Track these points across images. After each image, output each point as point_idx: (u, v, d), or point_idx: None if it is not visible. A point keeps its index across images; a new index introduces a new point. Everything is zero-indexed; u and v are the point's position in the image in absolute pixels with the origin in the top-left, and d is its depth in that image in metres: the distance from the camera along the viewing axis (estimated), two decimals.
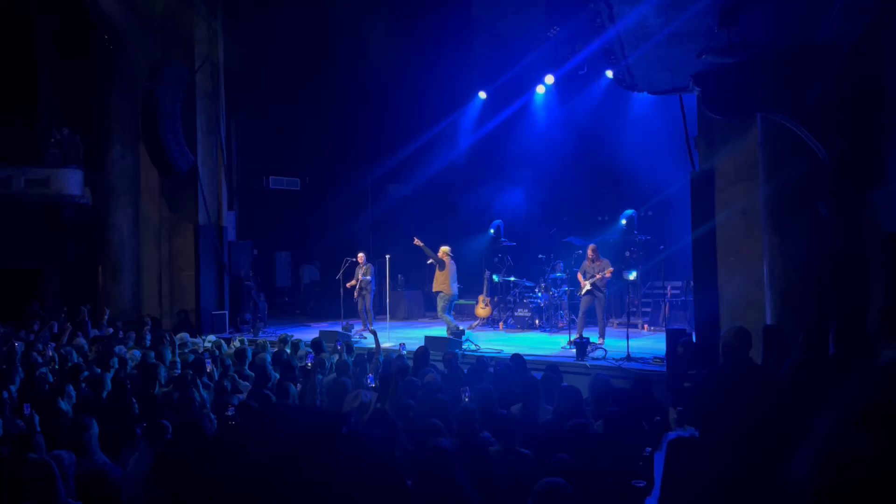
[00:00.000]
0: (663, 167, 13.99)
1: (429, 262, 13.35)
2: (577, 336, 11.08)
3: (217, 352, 9.81)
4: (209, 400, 6.97)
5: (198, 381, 7.26)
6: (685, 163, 10.27)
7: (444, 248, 13.35)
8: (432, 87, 16.34)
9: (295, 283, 20.31)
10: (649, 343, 11.95)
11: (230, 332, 14.82)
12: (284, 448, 1.06)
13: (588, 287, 12.00)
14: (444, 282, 13.02)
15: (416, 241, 12.95)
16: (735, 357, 4.94)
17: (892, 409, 0.80)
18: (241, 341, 11.11)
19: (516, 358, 8.18)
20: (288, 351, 9.61)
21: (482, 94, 17.25)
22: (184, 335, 11.51)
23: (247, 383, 7.80)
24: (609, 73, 14.54)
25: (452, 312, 13.16)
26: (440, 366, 8.47)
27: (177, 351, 9.74)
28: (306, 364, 7.19)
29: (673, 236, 13.20)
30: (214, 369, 8.13)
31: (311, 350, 9.26)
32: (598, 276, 11.86)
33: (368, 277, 14.41)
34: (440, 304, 13.09)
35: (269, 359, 8.50)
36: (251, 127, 17.90)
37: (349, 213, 18.62)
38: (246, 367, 8.47)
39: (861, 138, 7.23)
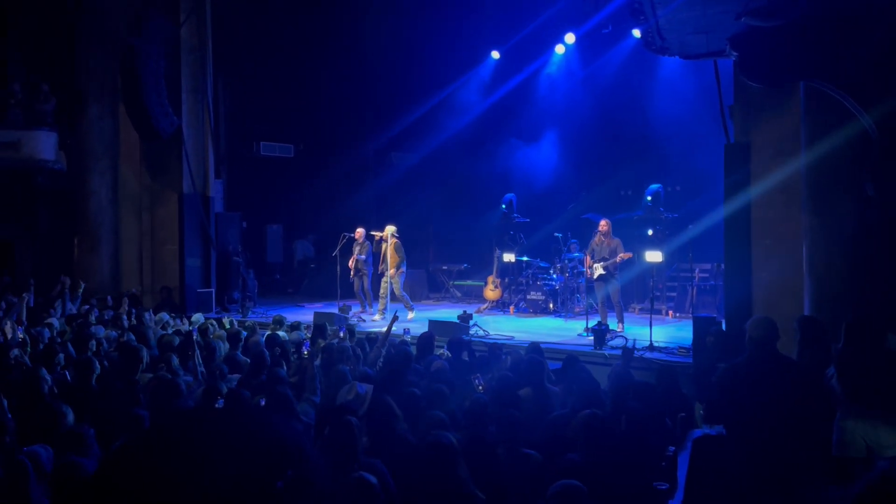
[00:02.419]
0: (694, 138, 13.93)
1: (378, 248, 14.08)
2: (601, 323, 11.12)
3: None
4: (196, 387, 7.04)
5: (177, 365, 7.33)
6: (718, 134, 10.24)
7: (391, 228, 13.95)
8: (440, 45, 16.25)
9: (287, 260, 20.36)
10: (674, 331, 11.98)
11: (217, 312, 14.91)
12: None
13: (601, 271, 12.02)
14: (394, 262, 13.85)
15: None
16: (760, 349, 4.97)
17: None
18: (231, 323, 11.18)
19: (533, 347, 8.21)
20: (285, 335, 9.68)
21: (495, 54, 17.14)
22: (162, 315, 11.59)
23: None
24: (636, 33, 14.43)
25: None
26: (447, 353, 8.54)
27: (158, 332, 9.82)
28: (302, 352, 7.22)
29: (703, 214, 13.17)
30: (199, 353, 8.19)
31: (306, 336, 9.34)
32: (617, 260, 11.88)
33: (364, 256, 14.47)
34: (396, 283, 13.79)
35: (262, 342, 8.57)
36: (241, 87, 17.85)
37: (348, 184, 18.63)
38: (239, 352, 8.54)
39: None
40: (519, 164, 17.00)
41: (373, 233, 14.19)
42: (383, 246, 13.90)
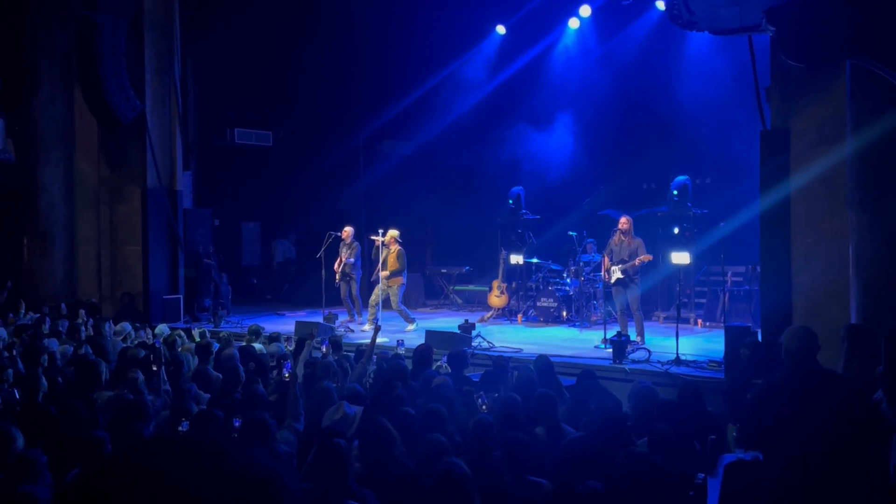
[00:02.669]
0: (726, 124, 13.95)
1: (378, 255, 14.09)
2: (621, 334, 11.13)
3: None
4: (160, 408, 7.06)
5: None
6: (753, 119, 10.25)
7: (394, 233, 14.00)
8: (439, 20, 16.25)
9: (266, 262, 20.36)
10: (704, 343, 12.02)
11: (186, 322, 14.92)
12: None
13: (619, 275, 12.01)
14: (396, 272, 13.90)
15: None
16: (799, 363, 4.99)
17: None
18: (202, 334, 11.19)
19: (542, 361, 8.22)
20: (262, 348, 9.69)
21: (501, 29, 17.14)
22: (124, 325, 11.59)
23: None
24: (660, 5, 14.45)
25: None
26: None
27: (119, 345, 9.84)
28: (283, 375, 7.26)
29: (736, 210, 13.19)
30: (163, 369, 8.20)
31: (287, 349, 9.35)
32: (636, 263, 11.84)
33: (352, 260, 14.46)
34: (395, 294, 13.84)
35: (237, 355, 8.58)
36: (213, 67, 17.85)
37: (334, 177, 18.61)
38: (210, 366, 8.55)
39: None
40: (528, 154, 17.01)
41: (373, 237, 14.09)
42: (383, 252, 13.85)
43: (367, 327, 13.70)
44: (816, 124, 9.05)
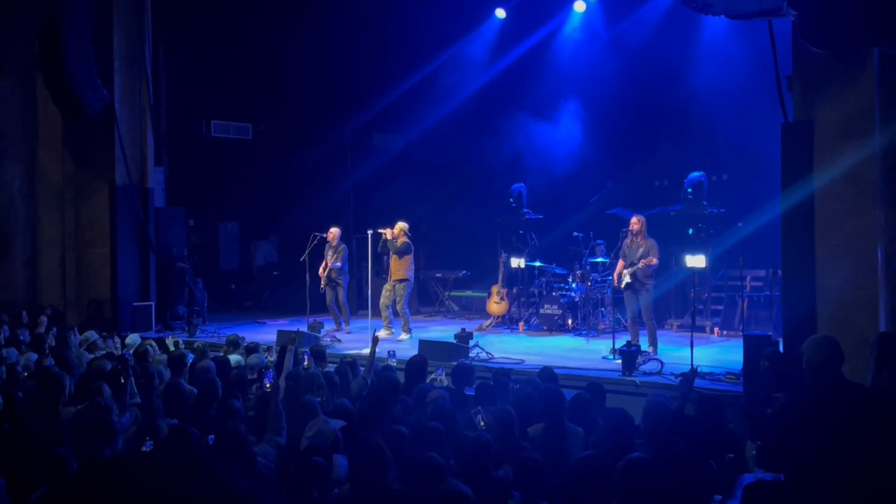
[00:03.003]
0: (745, 116, 13.96)
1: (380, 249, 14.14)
2: (631, 343, 11.13)
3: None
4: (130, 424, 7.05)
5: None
6: (774, 111, 10.26)
7: (402, 225, 14.03)
8: (434, 2, 16.25)
9: (245, 266, 20.35)
10: (720, 353, 12.01)
11: (158, 331, 14.90)
12: None
13: (628, 279, 12.00)
14: (401, 267, 13.90)
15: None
16: (822, 376, 4.99)
17: None
18: (175, 344, 11.18)
19: (546, 374, 8.21)
20: (240, 359, 9.69)
21: (500, 13, 17.15)
22: (90, 334, 11.57)
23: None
24: None
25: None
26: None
27: (85, 356, 9.82)
28: (265, 386, 7.25)
29: (755, 209, 13.23)
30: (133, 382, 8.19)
31: (268, 361, 9.35)
32: (640, 266, 11.82)
33: (339, 264, 14.43)
34: (400, 296, 13.81)
35: (213, 367, 8.58)
36: (187, 53, 17.83)
37: (319, 173, 18.62)
38: (184, 379, 8.54)
39: None
40: (530, 148, 17.01)
41: (380, 230, 13.99)
42: (390, 244, 13.83)
43: (383, 332, 13.42)
44: (842, 116, 9.06)
